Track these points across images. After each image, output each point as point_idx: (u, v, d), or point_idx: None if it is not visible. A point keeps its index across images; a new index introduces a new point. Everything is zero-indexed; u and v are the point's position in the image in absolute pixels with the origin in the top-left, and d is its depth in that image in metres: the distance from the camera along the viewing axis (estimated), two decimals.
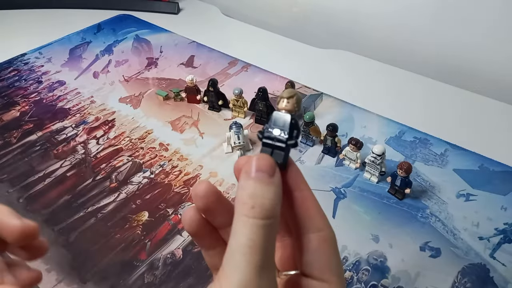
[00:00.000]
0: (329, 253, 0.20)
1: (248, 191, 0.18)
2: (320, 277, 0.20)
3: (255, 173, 0.19)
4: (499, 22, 0.56)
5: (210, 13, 0.80)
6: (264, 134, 0.20)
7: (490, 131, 0.51)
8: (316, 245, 0.20)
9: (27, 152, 0.49)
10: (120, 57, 0.67)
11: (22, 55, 0.67)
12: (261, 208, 0.18)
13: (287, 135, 0.20)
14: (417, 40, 0.64)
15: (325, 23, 0.73)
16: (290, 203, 0.20)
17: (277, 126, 0.20)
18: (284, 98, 0.21)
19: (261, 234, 0.18)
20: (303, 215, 0.20)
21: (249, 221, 0.18)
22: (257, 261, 0.17)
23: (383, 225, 0.40)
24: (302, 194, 0.20)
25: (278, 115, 0.20)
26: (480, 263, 0.36)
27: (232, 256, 0.18)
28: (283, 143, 0.20)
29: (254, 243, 0.17)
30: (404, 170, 0.40)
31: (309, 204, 0.20)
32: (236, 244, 0.18)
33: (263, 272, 0.17)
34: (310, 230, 0.20)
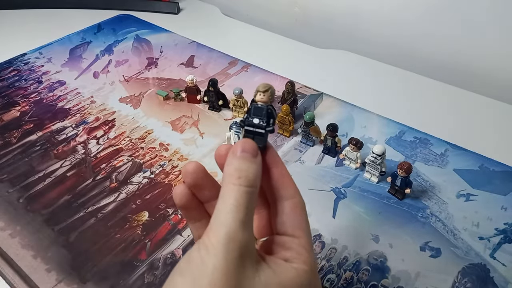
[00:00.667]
0: (300, 214, 0.25)
1: (235, 166, 0.23)
2: (292, 234, 0.24)
3: (240, 152, 0.23)
4: (499, 22, 0.56)
5: (210, 13, 0.80)
6: (246, 123, 0.25)
7: (490, 131, 0.51)
8: (289, 209, 0.24)
9: (27, 152, 0.49)
10: (120, 57, 0.67)
11: (22, 55, 0.67)
12: (246, 178, 0.22)
13: (265, 123, 0.24)
14: (417, 40, 0.64)
15: (325, 23, 0.73)
16: (268, 177, 0.25)
17: (256, 116, 0.24)
18: (260, 92, 0.26)
19: (245, 197, 0.22)
20: (280, 186, 0.25)
21: (235, 187, 0.22)
22: (241, 218, 0.21)
23: (383, 225, 0.40)
24: (278, 169, 0.25)
25: (256, 106, 0.25)
26: (480, 263, 0.36)
27: (219, 214, 0.22)
28: (262, 130, 0.24)
29: (239, 203, 0.22)
30: (404, 170, 0.40)
31: (284, 177, 0.25)
32: (224, 204, 0.22)
33: (245, 227, 0.21)
34: (285, 197, 0.25)
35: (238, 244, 0.21)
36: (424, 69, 0.62)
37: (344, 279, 0.36)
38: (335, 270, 0.36)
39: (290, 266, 0.23)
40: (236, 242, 0.21)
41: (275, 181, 0.25)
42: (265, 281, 0.21)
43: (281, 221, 0.24)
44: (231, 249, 0.21)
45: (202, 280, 0.20)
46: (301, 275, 0.23)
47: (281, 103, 0.52)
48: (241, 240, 0.21)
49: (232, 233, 0.21)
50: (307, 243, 0.24)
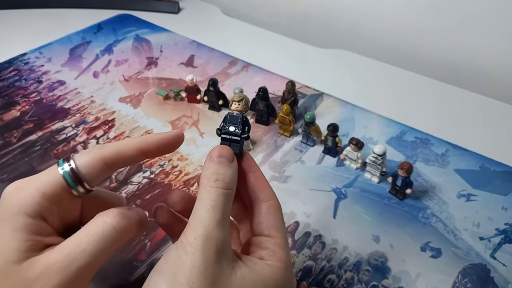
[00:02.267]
0: (276, 216, 0.26)
1: (212, 170, 0.24)
2: (268, 234, 0.25)
3: (217, 158, 0.25)
4: (500, 22, 0.56)
5: (211, 12, 0.80)
6: (222, 131, 0.26)
7: (491, 132, 0.51)
8: (265, 210, 0.26)
9: (28, 152, 0.49)
10: (120, 56, 0.67)
11: (22, 55, 0.67)
12: (223, 181, 0.24)
13: (241, 130, 0.26)
14: (418, 40, 0.64)
15: (326, 22, 0.73)
16: (245, 182, 0.26)
17: (232, 124, 0.26)
18: (235, 101, 0.26)
19: (222, 199, 0.23)
20: (256, 189, 0.26)
21: (213, 189, 0.23)
22: (218, 217, 0.22)
23: (383, 225, 0.40)
24: (254, 174, 0.26)
25: (232, 115, 0.26)
26: (480, 263, 0.36)
27: (197, 214, 0.23)
28: (238, 137, 0.26)
29: (216, 203, 0.23)
30: (405, 170, 0.40)
31: (260, 181, 0.26)
32: (202, 205, 0.23)
33: (221, 226, 0.22)
34: (261, 200, 0.26)
35: (215, 242, 0.22)
36: (425, 69, 0.62)
37: (345, 279, 0.35)
38: (335, 270, 0.36)
39: (265, 263, 0.24)
40: (213, 240, 0.22)
41: (252, 185, 0.26)
42: (241, 278, 0.22)
43: (258, 222, 0.26)
44: (208, 247, 0.22)
45: (180, 277, 0.21)
46: (275, 272, 0.24)
47: (281, 103, 0.52)
48: (218, 238, 0.22)
49: (210, 231, 0.22)
50: (282, 242, 0.25)
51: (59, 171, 0.24)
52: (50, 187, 0.24)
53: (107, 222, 0.23)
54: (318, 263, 0.37)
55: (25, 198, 0.23)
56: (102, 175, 0.25)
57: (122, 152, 0.25)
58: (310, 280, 0.35)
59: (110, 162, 0.25)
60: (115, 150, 0.25)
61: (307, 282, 0.35)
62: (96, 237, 0.23)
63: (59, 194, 0.24)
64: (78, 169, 0.24)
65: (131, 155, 0.26)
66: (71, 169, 0.24)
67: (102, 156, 0.25)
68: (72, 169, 0.24)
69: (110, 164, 0.25)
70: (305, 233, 0.39)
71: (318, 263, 0.37)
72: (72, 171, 0.24)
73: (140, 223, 0.26)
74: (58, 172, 0.24)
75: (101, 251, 0.23)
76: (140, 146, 0.26)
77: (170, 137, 0.27)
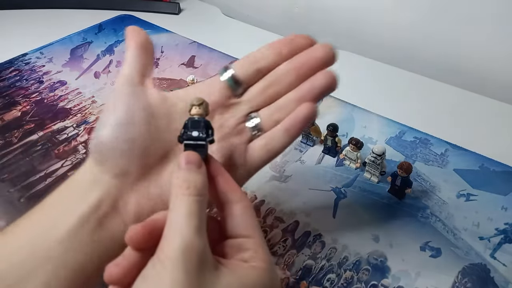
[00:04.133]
0: (251, 215, 0.25)
1: (182, 177, 0.23)
2: (246, 235, 0.24)
3: (185, 164, 0.24)
4: (499, 22, 0.56)
5: (211, 13, 0.80)
6: (184, 137, 0.25)
7: (490, 131, 0.51)
8: (240, 211, 0.25)
9: (28, 152, 0.49)
10: (121, 57, 0.67)
11: (23, 55, 0.67)
12: (194, 188, 0.23)
13: (205, 134, 0.25)
14: (418, 41, 0.64)
15: (326, 23, 0.73)
16: (214, 186, 0.25)
17: (194, 129, 0.25)
18: (195, 105, 0.25)
19: (196, 206, 0.22)
20: (226, 191, 0.25)
21: (185, 197, 0.22)
22: (195, 225, 0.21)
23: (383, 225, 0.40)
24: (223, 177, 0.26)
25: (193, 119, 0.25)
26: (480, 263, 0.36)
27: (172, 225, 0.21)
28: (203, 141, 0.25)
29: (191, 211, 0.22)
30: (404, 170, 0.40)
31: (230, 183, 0.26)
32: (177, 213, 0.22)
33: (199, 233, 0.21)
34: (234, 201, 0.25)
35: (195, 251, 0.20)
36: (424, 70, 0.62)
37: (344, 278, 0.36)
38: (335, 269, 0.36)
39: (250, 266, 0.23)
40: (194, 249, 0.20)
41: (222, 188, 0.25)
42: (226, 285, 0.21)
43: (234, 224, 0.25)
44: (188, 258, 0.20)
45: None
46: (261, 274, 0.23)
47: None
48: (198, 247, 0.21)
49: (188, 240, 0.20)
50: (261, 242, 0.24)
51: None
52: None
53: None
54: (318, 262, 0.37)
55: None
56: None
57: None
58: (309, 279, 0.36)
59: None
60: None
61: (307, 281, 0.35)
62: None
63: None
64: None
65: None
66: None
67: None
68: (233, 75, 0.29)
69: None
70: (304, 232, 0.39)
71: (317, 262, 0.37)
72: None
73: None
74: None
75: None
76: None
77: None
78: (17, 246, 0.25)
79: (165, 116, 0.27)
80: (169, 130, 0.27)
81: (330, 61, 0.30)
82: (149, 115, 0.27)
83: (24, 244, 0.25)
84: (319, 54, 0.30)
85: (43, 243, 0.24)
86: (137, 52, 0.29)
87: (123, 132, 0.26)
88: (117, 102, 0.26)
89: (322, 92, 0.30)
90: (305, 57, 0.30)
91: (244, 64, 0.30)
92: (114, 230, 0.26)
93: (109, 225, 0.26)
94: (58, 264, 0.24)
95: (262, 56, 0.30)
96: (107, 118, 0.26)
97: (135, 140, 0.26)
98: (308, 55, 0.30)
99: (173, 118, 0.28)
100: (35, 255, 0.24)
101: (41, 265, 0.24)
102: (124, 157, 0.26)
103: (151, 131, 0.26)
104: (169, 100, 0.28)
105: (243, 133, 0.30)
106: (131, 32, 0.29)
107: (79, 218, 0.25)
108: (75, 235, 0.25)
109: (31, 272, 0.24)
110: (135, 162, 0.26)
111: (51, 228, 0.25)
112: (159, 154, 0.27)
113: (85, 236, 0.25)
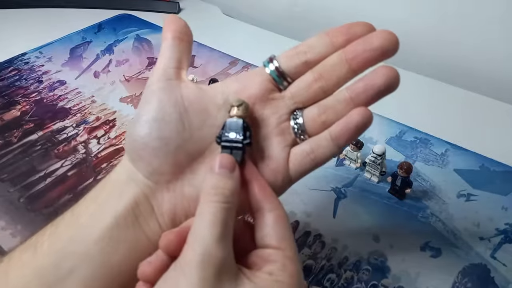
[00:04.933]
0: (285, 226, 0.24)
1: (212, 183, 0.23)
2: (278, 246, 0.23)
3: (218, 169, 0.23)
4: (500, 22, 0.56)
5: (211, 13, 0.80)
6: (222, 138, 0.25)
7: (491, 131, 0.51)
8: (273, 221, 0.24)
9: (28, 152, 0.49)
10: (121, 56, 0.67)
11: (22, 55, 0.67)
12: (222, 195, 0.22)
13: (242, 136, 0.24)
14: (418, 40, 0.64)
15: (326, 23, 0.73)
16: (248, 190, 0.24)
17: (232, 130, 0.24)
18: (234, 107, 0.25)
19: (222, 213, 0.22)
20: (260, 198, 0.24)
21: (212, 204, 0.22)
22: (218, 232, 0.21)
23: (383, 225, 0.40)
24: (258, 182, 0.25)
25: (231, 121, 0.25)
26: (480, 263, 0.37)
27: (196, 231, 0.21)
28: (240, 143, 0.24)
29: (216, 218, 0.21)
30: (404, 170, 0.40)
31: (265, 190, 0.25)
32: (201, 220, 0.21)
33: (222, 242, 0.21)
34: (267, 210, 0.24)
35: (214, 260, 0.20)
36: (424, 69, 0.62)
37: (345, 278, 0.36)
38: (335, 269, 0.36)
39: (274, 280, 0.22)
40: (213, 258, 0.20)
41: (255, 194, 0.24)
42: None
43: (265, 233, 0.23)
44: (206, 266, 0.20)
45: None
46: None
47: None
48: (218, 255, 0.20)
49: (208, 248, 0.20)
50: (293, 255, 0.23)
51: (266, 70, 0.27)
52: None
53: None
54: (318, 262, 0.37)
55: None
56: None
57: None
58: (310, 279, 0.35)
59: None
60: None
61: (307, 281, 0.35)
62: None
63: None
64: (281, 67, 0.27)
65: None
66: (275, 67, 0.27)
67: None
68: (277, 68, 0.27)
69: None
70: (305, 232, 0.39)
71: (318, 262, 0.37)
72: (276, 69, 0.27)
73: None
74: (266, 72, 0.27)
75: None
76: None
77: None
78: (59, 242, 0.25)
79: (201, 112, 0.26)
80: (204, 127, 0.26)
81: (389, 51, 0.26)
82: (183, 111, 0.25)
83: (65, 243, 0.24)
84: (376, 43, 0.25)
85: (81, 242, 0.24)
86: (173, 44, 0.27)
87: (155, 129, 0.25)
88: (150, 97, 0.25)
89: (379, 93, 0.26)
90: (359, 47, 0.25)
91: (291, 55, 0.27)
92: (148, 230, 0.25)
93: (143, 225, 0.25)
94: (95, 264, 0.24)
95: (311, 47, 0.27)
96: (140, 114, 0.25)
97: (167, 137, 0.25)
98: (362, 45, 0.25)
99: (210, 113, 0.26)
100: (74, 254, 0.24)
101: (80, 264, 0.24)
102: (156, 155, 0.25)
103: (184, 128, 0.25)
104: (206, 94, 0.26)
105: (285, 133, 0.27)
106: (168, 22, 0.28)
107: (114, 218, 0.24)
108: (111, 235, 0.24)
109: (70, 271, 0.23)
110: (168, 161, 0.25)
111: (88, 227, 0.25)
112: (192, 153, 0.26)
113: (120, 236, 0.24)
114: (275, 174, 0.26)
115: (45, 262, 0.24)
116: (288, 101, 0.27)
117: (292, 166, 0.27)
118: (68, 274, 0.23)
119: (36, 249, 0.25)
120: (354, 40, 0.26)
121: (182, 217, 0.26)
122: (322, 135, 0.26)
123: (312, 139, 0.27)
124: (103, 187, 0.26)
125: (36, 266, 0.24)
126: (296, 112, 0.27)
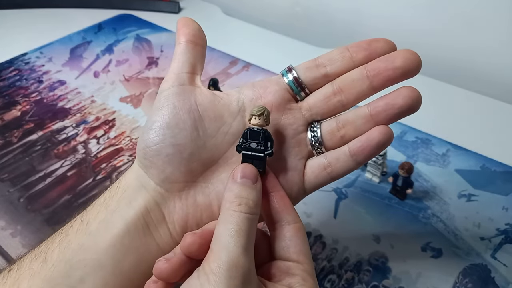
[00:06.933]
0: (303, 239, 0.24)
1: (236, 192, 0.22)
2: (296, 259, 0.23)
3: (240, 179, 0.23)
4: (499, 22, 0.56)
5: (211, 12, 0.79)
6: (243, 147, 0.24)
7: (492, 132, 0.51)
8: (292, 233, 0.24)
9: (28, 152, 0.49)
10: (121, 56, 0.67)
11: (23, 55, 0.67)
12: (246, 206, 0.22)
13: (263, 147, 0.24)
14: (418, 41, 0.64)
15: (327, 22, 0.73)
16: (268, 202, 0.24)
17: (253, 140, 0.24)
18: (255, 115, 0.24)
19: (246, 223, 0.21)
20: (280, 210, 0.24)
21: (236, 213, 0.21)
22: (242, 243, 0.21)
23: (384, 225, 0.40)
24: (279, 193, 0.24)
25: (253, 130, 0.24)
26: (481, 264, 0.36)
27: (220, 238, 0.21)
28: (261, 154, 0.24)
29: (241, 228, 0.21)
30: (405, 170, 0.40)
31: (285, 201, 0.24)
32: (226, 229, 0.21)
33: (247, 252, 0.21)
34: (286, 222, 0.24)
35: (240, 270, 0.20)
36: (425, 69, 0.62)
37: (345, 279, 0.35)
38: (336, 270, 0.36)
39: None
40: (239, 268, 0.20)
41: (276, 205, 0.24)
42: None
43: (284, 246, 0.23)
44: (233, 276, 0.20)
45: None
46: None
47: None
48: (244, 265, 0.20)
49: (234, 258, 0.20)
50: (311, 269, 0.23)
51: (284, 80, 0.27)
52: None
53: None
54: (319, 263, 0.37)
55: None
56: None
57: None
58: None
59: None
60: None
61: None
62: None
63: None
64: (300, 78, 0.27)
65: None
66: (294, 77, 0.27)
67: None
68: (295, 78, 0.27)
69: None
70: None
71: (318, 263, 0.37)
72: (295, 79, 0.27)
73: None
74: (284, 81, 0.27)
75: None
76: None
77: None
78: (69, 250, 0.24)
79: (216, 119, 0.25)
80: (218, 134, 0.25)
81: (411, 71, 0.26)
82: (197, 118, 0.25)
83: (75, 251, 0.24)
84: (399, 63, 0.26)
85: (91, 250, 0.24)
86: (187, 48, 0.27)
87: (168, 135, 0.24)
88: (163, 103, 0.25)
89: (400, 113, 0.26)
90: (381, 64, 0.26)
91: (310, 67, 0.27)
92: (159, 238, 0.25)
93: (154, 233, 0.25)
94: (106, 272, 0.23)
95: (332, 60, 0.27)
96: (152, 120, 0.25)
97: (180, 145, 0.24)
98: (385, 62, 0.26)
99: (225, 120, 0.25)
100: (85, 262, 0.23)
101: (91, 272, 0.23)
102: (169, 163, 0.24)
103: (198, 135, 0.25)
104: (220, 101, 0.26)
105: (302, 145, 0.27)
106: (182, 25, 0.27)
107: (125, 225, 0.24)
108: (122, 242, 0.24)
109: (81, 280, 0.23)
110: (181, 169, 0.25)
111: (98, 235, 0.24)
112: (206, 161, 0.25)
113: (131, 243, 0.24)
114: (290, 185, 0.26)
115: (55, 272, 0.23)
116: (305, 112, 0.27)
117: (307, 179, 0.26)
118: (79, 283, 0.23)
119: (46, 258, 0.24)
120: (374, 56, 0.26)
121: (194, 225, 0.25)
122: (341, 149, 0.26)
123: (330, 153, 0.26)
124: (113, 194, 0.26)
125: (46, 276, 0.23)
126: (314, 124, 0.27)
